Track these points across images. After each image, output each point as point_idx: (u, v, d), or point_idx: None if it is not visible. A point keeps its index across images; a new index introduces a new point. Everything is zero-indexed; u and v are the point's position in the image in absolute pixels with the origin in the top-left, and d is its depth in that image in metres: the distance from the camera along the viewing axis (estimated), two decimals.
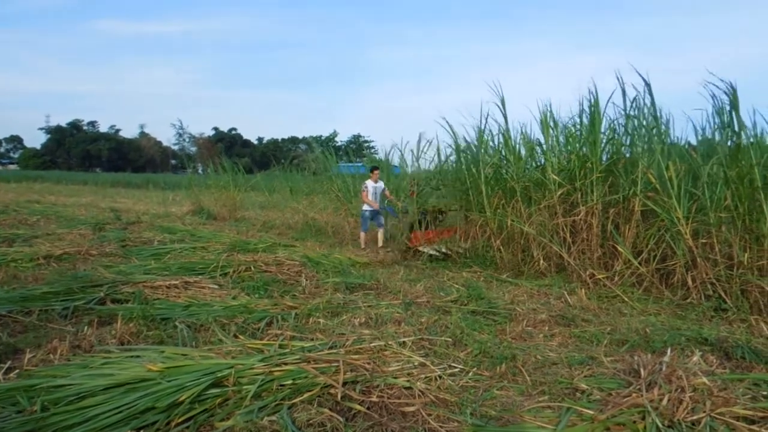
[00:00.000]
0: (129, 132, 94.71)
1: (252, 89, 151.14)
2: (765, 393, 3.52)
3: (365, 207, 10.74)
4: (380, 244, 10.67)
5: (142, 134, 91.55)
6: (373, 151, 36.72)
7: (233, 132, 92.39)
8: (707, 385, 3.41)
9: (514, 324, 5.38)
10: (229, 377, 3.49)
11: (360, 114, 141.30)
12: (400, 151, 18.53)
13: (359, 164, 17.66)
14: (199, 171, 29.54)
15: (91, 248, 8.64)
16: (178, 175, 47.83)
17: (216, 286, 6.48)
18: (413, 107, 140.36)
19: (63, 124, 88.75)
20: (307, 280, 6.99)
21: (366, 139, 76.94)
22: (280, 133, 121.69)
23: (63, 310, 5.25)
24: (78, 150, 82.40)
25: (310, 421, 3.11)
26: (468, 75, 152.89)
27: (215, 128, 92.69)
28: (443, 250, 9.05)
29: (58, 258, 7.94)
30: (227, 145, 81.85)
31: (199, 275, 6.99)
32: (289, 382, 3.53)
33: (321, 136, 77.42)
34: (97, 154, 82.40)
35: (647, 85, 7.24)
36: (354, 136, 79.94)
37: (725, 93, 6.48)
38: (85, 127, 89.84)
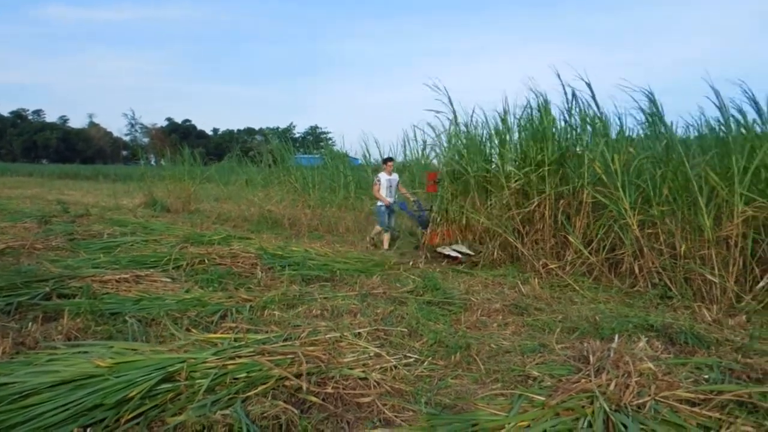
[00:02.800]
0: (78, 122, 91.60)
1: (208, 81, 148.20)
2: (706, 376, 3.66)
3: (379, 202, 9.79)
4: (386, 246, 9.67)
5: (92, 124, 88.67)
6: (330, 142, 36.53)
7: (187, 123, 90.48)
8: (652, 370, 3.53)
9: (469, 314, 5.46)
10: (181, 372, 3.43)
11: (317, 106, 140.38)
12: (365, 143, 18.50)
13: (317, 156, 17.55)
14: (152, 162, 28.86)
15: (37, 242, 8.32)
16: (130, 167, 46.59)
17: (168, 280, 6.34)
18: (371, 100, 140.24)
19: (4, 113, 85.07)
20: (262, 272, 6.91)
21: (323, 130, 76.43)
22: (236, 124, 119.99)
23: (6, 307, 5.02)
24: (21, 140, 79.12)
25: (265, 414, 3.08)
26: (426, 68, 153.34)
27: (169, 119, 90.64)
28: (465, 250, 8.25)
29: (1, 252, 7.62)
30: (181, 136, 79.98)
31: (151, 269, 6.82)
32: (244, 375, 3.50)
33: (278, 127, 76.53)
34: (43, 144, 79.29)
35: (588, 84, 7.48)
36: (311, 127, 79.37)
37: (647, 97, 6.75)
38: (30, 117, 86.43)
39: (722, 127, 6.73)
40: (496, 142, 8.79)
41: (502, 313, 5.52)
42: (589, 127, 7.79)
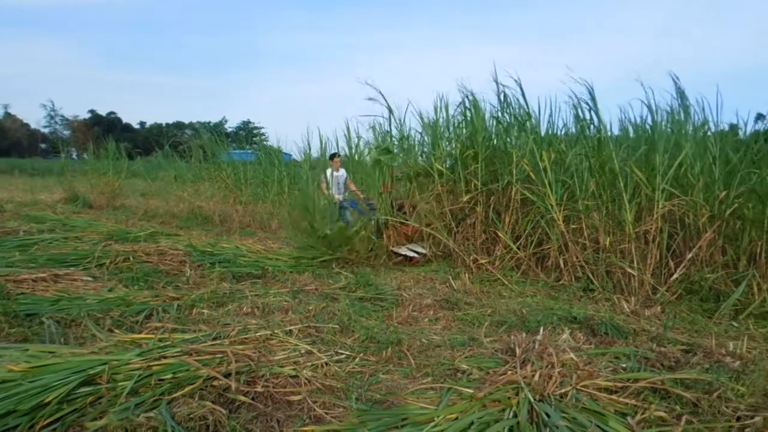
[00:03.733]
0: None
1: (134, 71, 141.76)
2: (624, 365, 3.85)
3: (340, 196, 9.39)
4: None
5: (7, 115, 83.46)
6: (264, 137, 35.92)
7: (112, 116, 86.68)
8: (574, 360, 3.68)
9: (400, 309, 5.51)
10: (102, 374, 3.30)
11: (250, 101, 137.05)
12: (303, 139, 18.26)
13: (250, 151, 17.24)
14: (74, 156, 27.56)
15: None
16: (49, 160, 44.21)
17: (90, 279, 6.08)
18: (305, 95, 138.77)
19: None
20: (191, 269, 6.73)
21: (256, 125, 75.06)
22: (165, 117, 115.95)
23: None
24: None
25: (191, 415, 3.00)
26: (360, 62, 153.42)
27: (92, 111, 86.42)
28: (421, 250, 8.12)
29: None
30: (105, 129, 76.51)
31: (71, 267, 6.52)
32: (170, 376, 3.40)
33: (210, 122, 74.49)
34: None
35: (519, 83, 7.67)
36: (244, 122, 77.67)
37: (588, 91, 6.99)
38: None
39: (648, 125, 7.07)
40: (428, 140, 8.90)
41: (434, 308, 5.60)
42: (518, 125, 7.97)
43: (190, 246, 7.74)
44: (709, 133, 6.79)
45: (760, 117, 7.57)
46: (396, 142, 9.08)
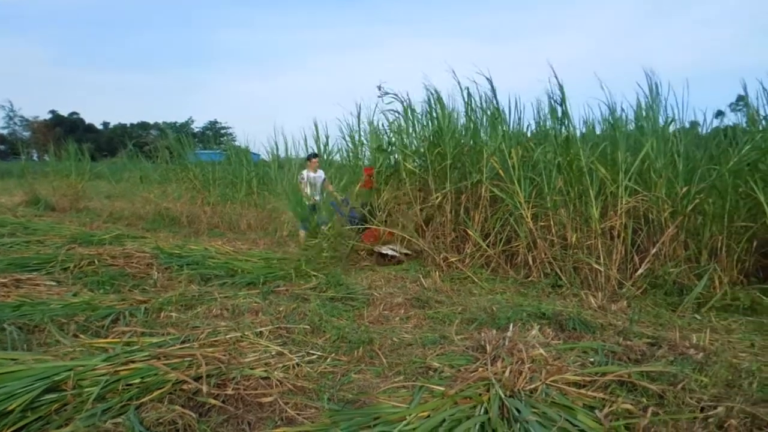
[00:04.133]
0: None
1: (97, 70, 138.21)
2: (591, 359, 3.92)
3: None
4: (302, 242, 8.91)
5: None
6: (231, 137, 35.56)
7: (74, 116, 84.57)
8: (543, 356, 3.73)
9: (371, 308, 5.51)
10: (67, 380, 3.23)
11: (218, 100, 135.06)
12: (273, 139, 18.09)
13: (217, 151, 17.05)
14: (34, 157, 26.85)
15: None
16: (9, 162, 42.99)
17: (54, 283, 5.93)
18: (273, 94, 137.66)
19: None
20: (158, 272, 6.62)
21: (223, 125, 74.10)
22: (130, 118, 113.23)
23: None
24: None
25: (160, 420, 2.97)
26: (329, 60, 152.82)
27: (53, 111, 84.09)
28: (403, 250, 8.03)
29: None
30: (67, 130, 74.67)
31: (33, 272, 6.34)
32: (138, 380, 3.35)
33: (176, 122, 73.30)
34: None
35: (489, 80, 7.74)
36: (211, 122, 76.65)
37: (559, 88, 7.09)
38: None
39: (611, 123, 7.20)
40: (393, 138, 8.93)
41: (404, 307, 5.62)
42: (489, 123, 8.03)
43: (157, 248, 7.61)
44: (672, 130, 6.96)
45: (719, 114, 7.81)
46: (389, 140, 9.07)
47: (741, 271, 6.22)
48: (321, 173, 9.68)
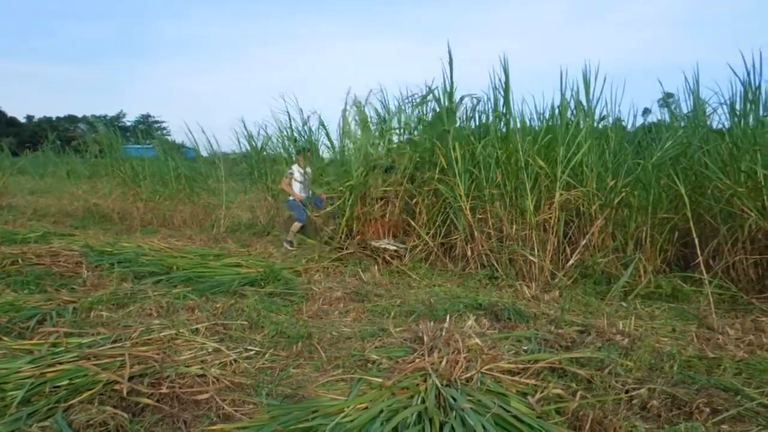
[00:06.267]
0: None
1: (20, 60, 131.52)
2: (525, 347, 4.04)
3: (291, 196, 9.02)
4: (290, 237, 8.87)
5: None
6: (165, 132, 34.46)
7: None
8: (479, 345, 3.82)
9: (310, 303, 5.48)
10: None
11: (149, 94, 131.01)
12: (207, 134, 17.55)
13: (149, 146, 16.50)
14: None
15: None
16: None
17: None
18: (210, 87, 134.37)
19: None
20: (88, 271, 6.37)
21: (156, 119, 71.75)
22: (56, 111, 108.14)
23: None
24: None
25: (90, 422, 2.87)
26: (266, 56, 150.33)
27: None
28: (400, 245, 7.72)
29: None
30: None
31: None
32: (66, 382, 3.24)
33: (106, 115, 70.36)
34: None
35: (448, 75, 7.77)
36: (143, 116, 74.03)
37: (500, 81, 7.22)
38: None
39: (547, 117, 7.40)
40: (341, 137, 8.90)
41: (344, 301, 5.62)
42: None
43: (86, 246, 7.32)
44: (604, 125, 7.23)
45: (646, 111, 8.18)
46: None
47: (664, 260, 6.53)
48: (309, 169, 9.30)
